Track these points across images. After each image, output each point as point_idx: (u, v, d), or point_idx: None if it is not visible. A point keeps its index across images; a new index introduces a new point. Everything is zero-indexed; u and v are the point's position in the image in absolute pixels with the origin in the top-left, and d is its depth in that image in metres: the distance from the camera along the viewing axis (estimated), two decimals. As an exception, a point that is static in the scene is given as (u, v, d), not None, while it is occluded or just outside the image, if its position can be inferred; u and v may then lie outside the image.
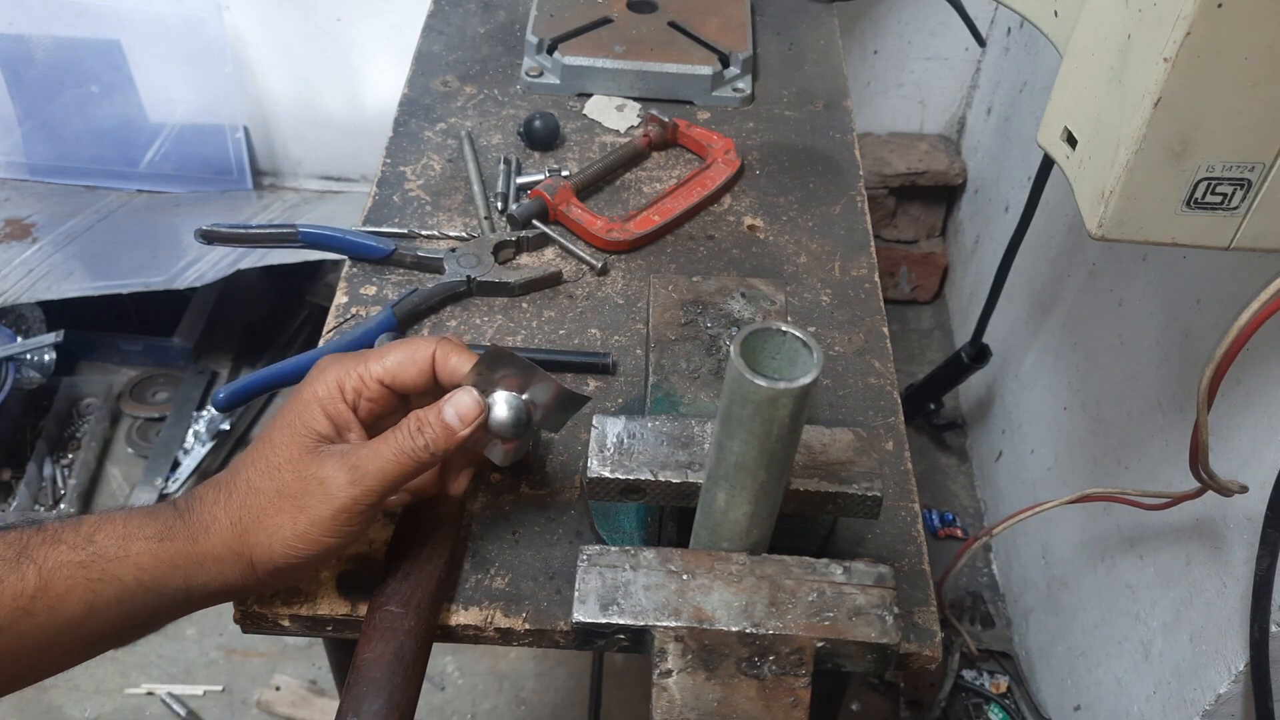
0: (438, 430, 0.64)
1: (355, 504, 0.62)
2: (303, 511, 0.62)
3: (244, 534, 0.63)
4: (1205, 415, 0.77)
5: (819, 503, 0.66)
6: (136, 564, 0.61)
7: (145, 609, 0.62)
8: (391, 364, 0.66)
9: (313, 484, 0.62)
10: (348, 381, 0.66)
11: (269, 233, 1.01)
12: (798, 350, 0.56)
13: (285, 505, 0.63)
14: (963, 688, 1.56)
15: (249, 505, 0.63)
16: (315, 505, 0.62)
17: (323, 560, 0.65)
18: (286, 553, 0.62)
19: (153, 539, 0.61)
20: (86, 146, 2.04)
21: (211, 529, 0.63)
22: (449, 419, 0.64)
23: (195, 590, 0.63)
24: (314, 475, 0.63)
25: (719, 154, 1.12)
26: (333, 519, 0.62)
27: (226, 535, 0.63)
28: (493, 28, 1.32)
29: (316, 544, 0.63)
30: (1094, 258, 1.44)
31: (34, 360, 1.82)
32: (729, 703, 0.59)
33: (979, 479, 1.90)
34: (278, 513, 0.62)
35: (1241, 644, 1.00)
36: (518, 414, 0.68)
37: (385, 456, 0.63)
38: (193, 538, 0.62)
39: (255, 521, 0.63)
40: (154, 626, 0.65)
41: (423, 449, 0.63)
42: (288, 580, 0.68)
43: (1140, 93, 0.63)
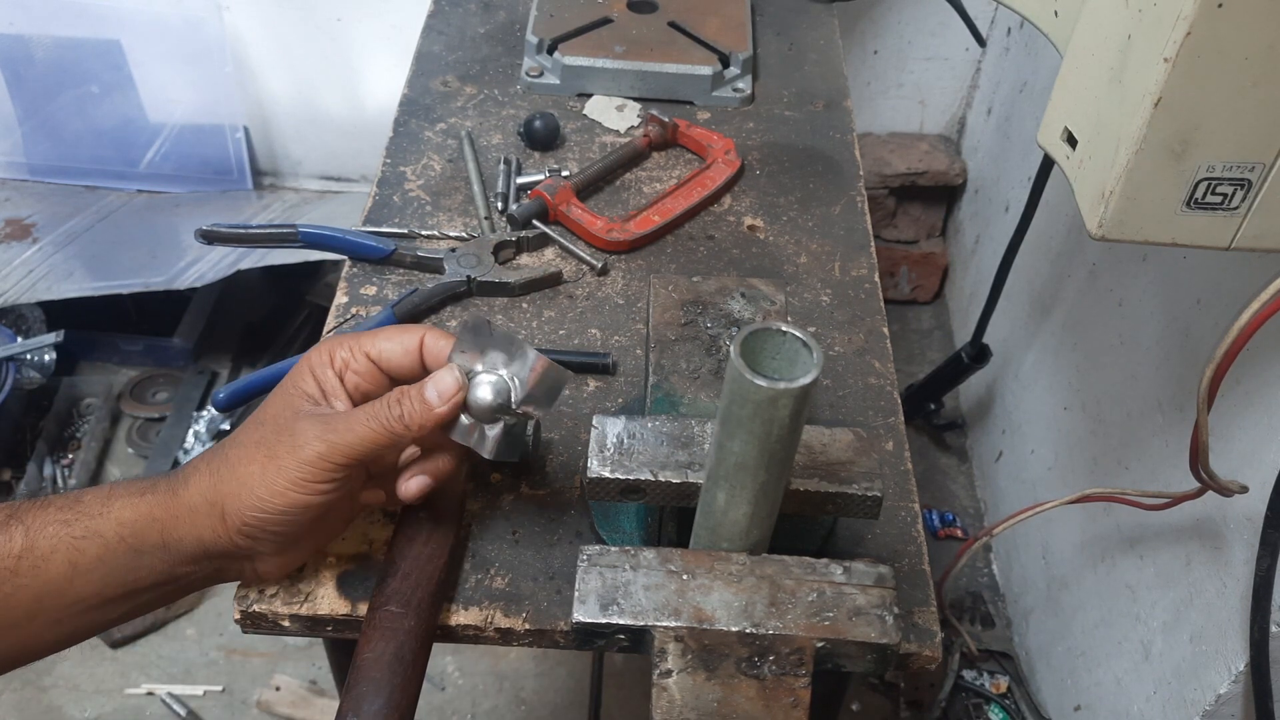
0: (415, 404, 0.64)
1: (322, 461, 0.62)
2: (271, 460, 0.63)
3: (218, 482, 0.63)
4: (1205, 415, 0.77)
5: (819, 503, 0.66)
6: (118, 519, 0.62)
7: (126, 570, 0.63)
8: (381, 342, 0.68)
9: (285, 436, 0.63)
10: (338, 351, 0.67)
11: (269, 233, 1.01)
12: (798, 350, 0.56)
13: (258, 454, 0.63)
14: (963, 688, 1.56)
15: (228, 456, 0.64)
16: (284, 456, 0.63)
17: (291, 524, 0.64)
18: (253, 504, 0.63)
19: (135, 494, 0.64)
20: (86, 146, 2.04)
21: (190, 479, 0.64)
22: (428, 395, 0.65)
23: (172, 547, 0.63)
24: (288, 428, 0.64)
25: (719, 154, 1.12)
26: (298, 472, 0.62)
27: (203, 484, 0.64)
28: (493, 28, 1.32)
29: (281, 497, 0.62)
30: (1094, 258, 1.44)
31: (34, 360, 1.82)
32: (729, 703, 0.59)
33: (979, 479, 1.90)
34: (250, 462, 0.63)
35: (1241, 644, 1.00)
36: (499, 394, 0.66)
37: (360, 422, 0.63)
38: (172, 489, 0.64)
39: (230, 470, 0.64)
40: (136, 602, 0.65)
41: (397, 419, 0.63)
42: (259, 544, 0.65)
43: (1140, 93, 0.63)
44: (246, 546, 0.65)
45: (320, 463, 0.62)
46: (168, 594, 0.67)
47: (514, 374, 0.67)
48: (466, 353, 0.67)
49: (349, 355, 0.67)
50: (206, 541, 0.64)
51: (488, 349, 0.66)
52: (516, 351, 0.66)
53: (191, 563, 0.65)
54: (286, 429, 0.64)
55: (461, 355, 0.66)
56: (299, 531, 0.65)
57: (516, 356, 0.66)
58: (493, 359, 0.67)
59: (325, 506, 0.64)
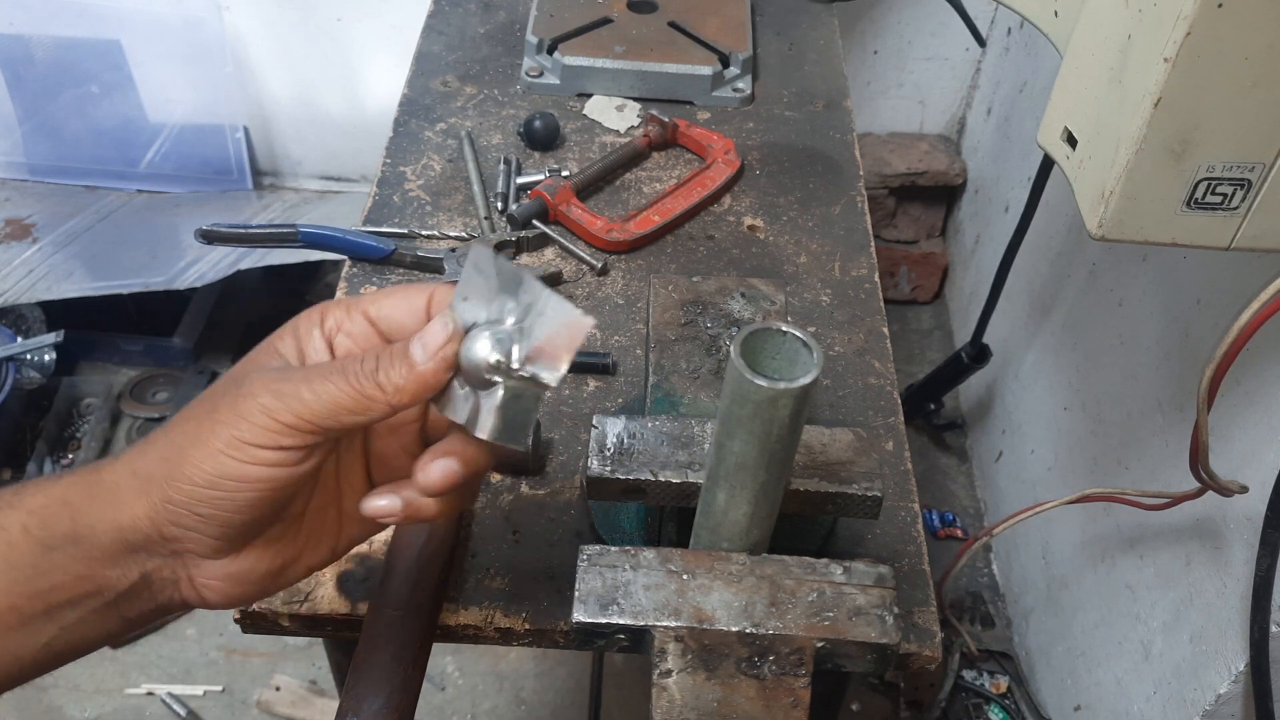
0: (396, 360, 0.50)
1: (266, 417, 0.48)
2: (209, 417, 0.50)
3: (147, 448, 0.51)
4: (1205, 415, 0.77)
5: (819, 503, 0.66)
6: (28, 508, 0.50)
7: (33, 571, 0.50)
8: (382, 299, 0.54)
9: (231, 389, 0.50)
10: (332, 311, 0.54)
11: (269, 233, 1.01)
12: (798, 350, 0.56)
13: (198, 411, 0.51)
14: (963, 688, 1.56)
15: (168, 423, 0.52)
16: (223, 410, 0.49)
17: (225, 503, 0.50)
18: (181, 470, 0.49)
19: (53, 479, 0.52)
20: (86, 146, 2.04)
21: (119, 456, 0.52)
22: (411, 348, 0.50)
23: (84, 539, 0.50)
24: (236, 380, 0.51)
25: (719, 154, 1.12)
26: (235, 429, 0.48)
27: (131, 455, 0.52)
28: (493, 28, 1.32)
29: (212, 460, 0.49)
30: (1094, 258, 1.44)
31: (34, 360, 1.82)
32: (729, 703, 0.59)
33: (979, 479, 1.90)
34: (187, 421, 0.51)
35: (1241, 644, 1.00)
36: (498, 348, 0.50)
37: (322, 375, 0.49)
38: (96, 468, 0.52)
39: (164, 434, 0.51)
40: (59, 623, 0.51)
41: (369, 375, 0.49)
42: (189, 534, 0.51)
43: (1140, 93, 0.63)
44: (173, 536, 0.51)
45: (263, 419, 0.48)
46: (97, 615, 0.52)
47: (521, 324, 0.50)
48: (470, 300, 0.51)
49: (343, 315, 0.54)
50: (124, 526, 0.50)
51: (495, 294, 0.51)
52: (527, 294, 0.50)
53: (110, 562, 0.51)
54: (234, 382, 0.51)
55: (465, 303, 0.51)
56: (239, 521, 0.51)
57: (527, 301, 0.50)
58: (500, 306, 0.51)
59: (274, 490, 0.50)
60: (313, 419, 0.49)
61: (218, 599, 0.54)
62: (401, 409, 0.50)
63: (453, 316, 0.51)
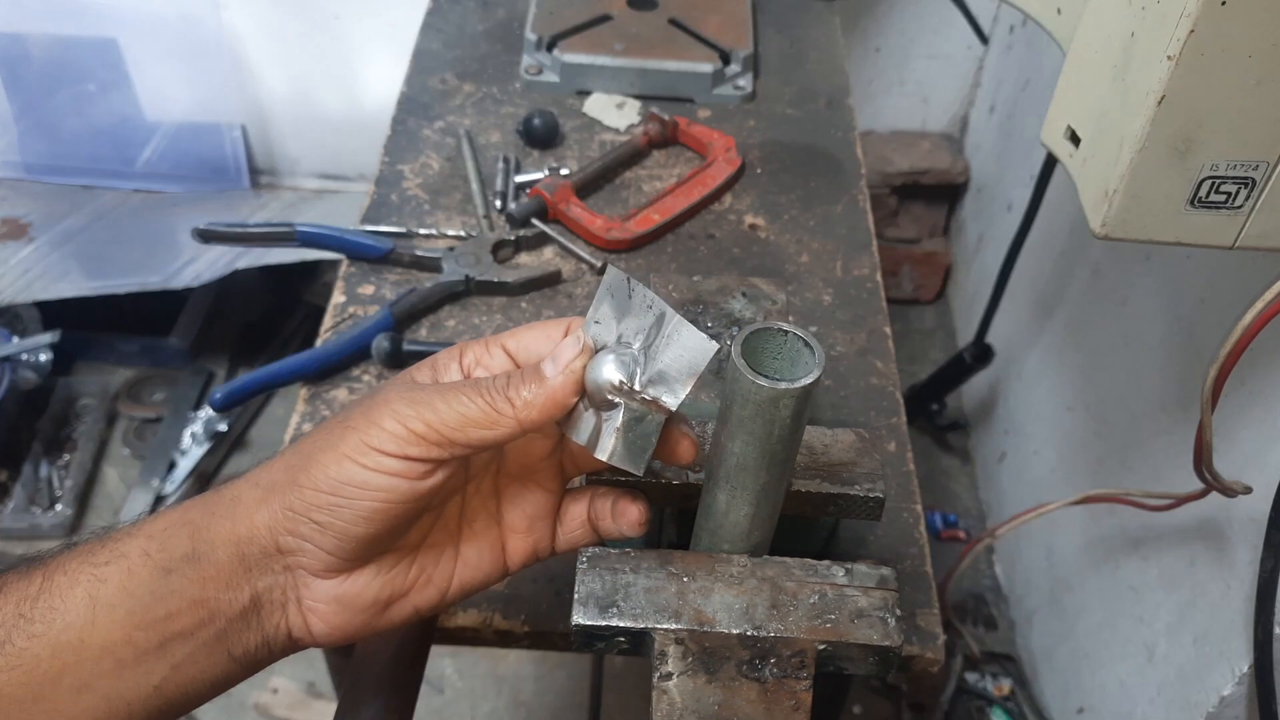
0: (526, 376, 0.51)
1: (399, 427, 0.49)
2: (340, 426, 0.50)
3: (274, 462, 0.52)
4: (1209, 415, 0.77)
5: (820, 504, 0.65)
6: (147, 534, 0.50)
7: (152, 599, 0.49)
8: (520, 331, 0.55)
9: (365, 402, 0.51)
10: (470, 348, 0.55)
11: (266, 232, 1.01)
12: (799, 350, 0.55)
13: (332, 425, 0.51)
14: (965, 690, 1.55)
15: (303, 437, 0.52)
16: (356, 419, 0.50)
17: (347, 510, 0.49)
18: (308, 475, 0.49)
19: (178, 504, 0.52)
20: (83, 145, 2.03)
21: (247, 472, 0.53)
22: (543, 366, 0.51)
23: (202, 557, 0.50)
24: (371, 396, 0.51)
25: (720, 152, 1.11)
26: (365, 436, 0.49)
27: (256, 471, 0.52)
28: (492, 25, 1.31)
29: (338, 465, 0.49)
30: (1097, 257, 1.43)
31: (30, 360, 1.81)
32: (730, 706, 0.58)
33: (982, 480, 1.89)
34: (319, 433, 0.51)
35: (1245, 646, 0.99)
36: (621, 370, 0.51)
37: (455, 391, 0.50)
38: (219, 486, 0.52)
39: (293, 447, 0.52)
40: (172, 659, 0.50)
41: (501, 390, 0.50)
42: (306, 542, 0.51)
43: (1144, 91, 0.63)
44: (288, 548, 0.51)
45: (394, 425, 0.49)
46: (207, 651, 0.51)
47: (647, 348, 0.52)
48: (603, 323, 0.52)
49: (481, 351, 0.55)
50: (242, 538, 0.50)
51: (626, 317, 0.52)
52: (656, 319, 0.51)
53: (224, 582, 0.50)
54: (369, 397, 0.51)
55: (597, 326, 0.53)
56: (356, 533, 0.50)
57: (656, 325, 0.51)
58: (629, 328, 0.52)
59: (394, 502, 0.50)
60: (441, 429, 0.49)
61: (322, 627, 0.53)
62: (531, 426, 0.51)
63: (584, 335, 0.52)
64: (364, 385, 0.90)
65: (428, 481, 0.50)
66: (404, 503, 0.50)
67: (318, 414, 0.88)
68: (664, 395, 0.52)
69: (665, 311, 0.51)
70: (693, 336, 0.51)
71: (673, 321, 0.51)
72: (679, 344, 0.51)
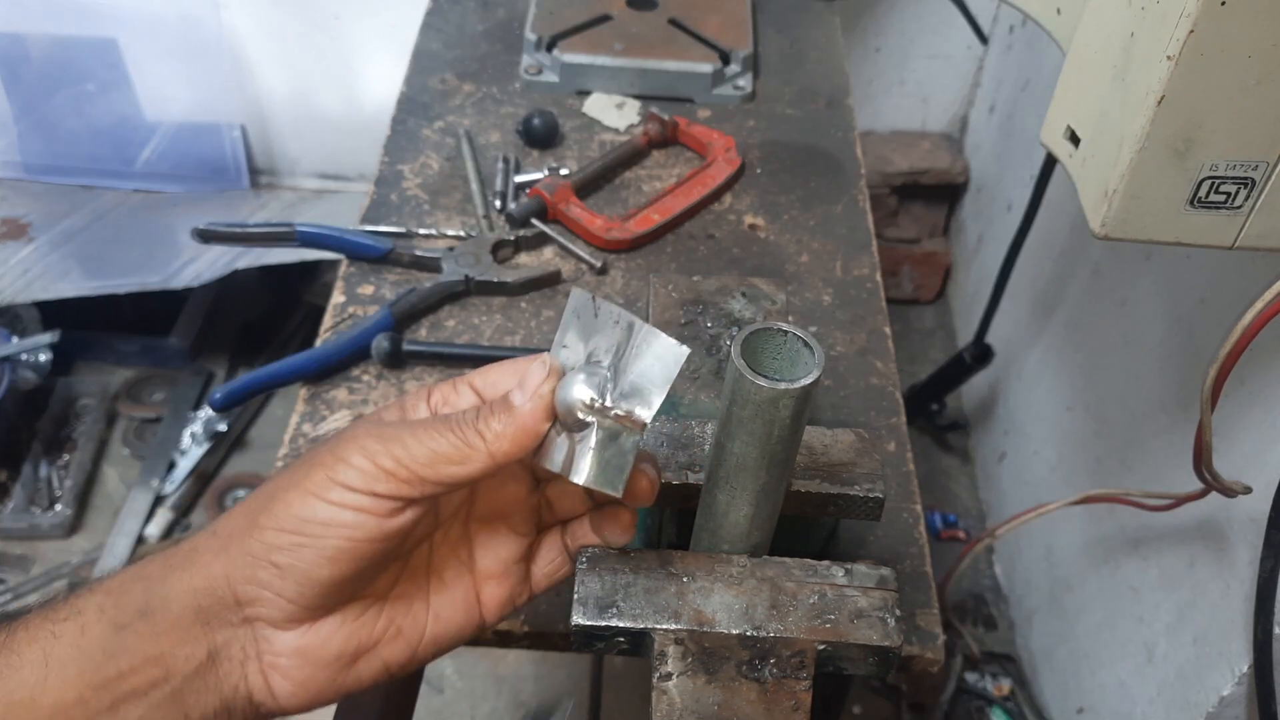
0: (495, 407, 0.49)
1: (368, 464, 0.47)
2: (305, 465, 0.48)
3: (235, 510, 0.50)
4: (1209, 416, 0.77)
5: (820, 504, 0.65)
6: (105, 589, 0.49)
7: (103, 656, 0.47)
8: (489, 370, 0.54)
9: (333, 441, 0.49)
10: (438, 388, 0.54)
11: (266, 232, 1.01)
12: (799, 350, 0.55)
13: (297, 466, 0.49)
14: (965, 690, 1.55)
15: (259, 487, 0.51)
16: (323, 456, 0.48)
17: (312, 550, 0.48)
18: (271, 516, 0.48)
19: (137, 561, 0.50)
20: (83, 145, 2.03)
21: (205, 526, 0.51)
22: (511, 395, 0.49)
23: (155, 612, 0.48)
24: (339, 435, 0.50)
25: (719, 152, 1.11)
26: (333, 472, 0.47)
27: (216, 521, 0.50)
28: (491, 25, 1.31)
29: (303, 503, 0.47)
30: (1097, 257, 1.43)
31: (30, 360, 1.81)
32: (729, 706, 0.58)
33: (982, 480, 1.89)
34: (282, 475, 0.49)
35: (1245, 646, 0.99)
36: (591, 388, 0.49)
37: (426, 426, 0.49)
38: (178, 541, 0.52)
39: (255, 493, 0.50)
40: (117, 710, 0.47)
41: (470, 423, 0.48)
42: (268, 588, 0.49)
43: (1144, 91, 0.63)
44: (247, 598, 0.49)
45: (363, 461, 0.47)
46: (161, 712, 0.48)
47: (613, 361, 0.50)
48: (570, 347, 0.51)
49: (449, 390, 0.54)
50: (198, 588, 0.48)
51: (593, 336, 0.51)
52: (622, 332, 0.50)
53: (179, 636, 0.48)
54: (338, 435, 0.50)
55: (565, 350, 0.51)
56: (319, 576, 0.48)
57: (622, 339, 0.50)
58: (598, 347, 0.51)
59: (360, 541, 0.48)
60: (412, 465, 0.47)
61: (285, 685, 0.51)
62: (504, 459, 0.49)
63: (550, 357, 0.50)
64: (364, 385, 0.90)
65: (396, 520, 0.48)
66: (370, 541, 0.48)
67: (317, 414, 0.88)
68: (637, 408, 0.50)
69: (633, 322, 0.49)
70: (663, 343, 0.49)
71: (641, 331, 0.49)
72: (649, 353, 0.50)
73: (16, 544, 1.75)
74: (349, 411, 0.88)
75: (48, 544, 1.75)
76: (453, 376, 0.55)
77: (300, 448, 0.85)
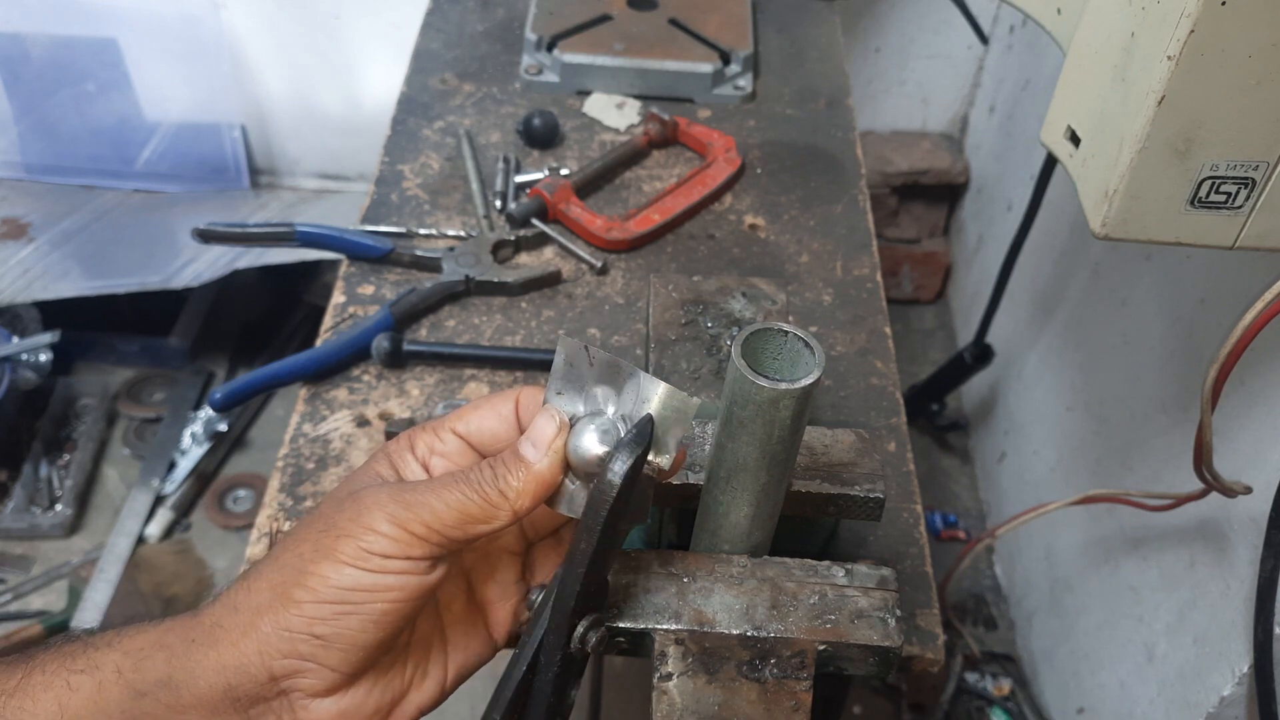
0: (510, 463, 0.50)
1: (396, 528, 0.48)
2: (328, 533, 0.48)
3: (253, 582, 0.49)
4: (1209, 416, 0.77)
5: (821, 504, 0.65)
6: (123, 649, 0.49)
7: (117, 716, 0.48)
8: (469, 415, 0.55)
9: (348, 506, 0.49)
10: (420, 436, 0.54)
11: (266, 232, 1.01)
12: (799, 350, 0.55)
13: (310, 534, 0.49)
14: (965, 690, 1.55)
15: (272, 552, 0.50)
16: (345, 525, 0.48)
17: (350, 622, 0.48)
18: (303, 589, 0.47)
19: (154, 623, 0.50)
20: (83, 145, 2.03)
21: (220, 595, 0.50)
22: (522, 449, 0.51)
23: (180, 685, 0.48)
24: (352, 499, 0.50)
25: (720, 152, 1.11)
26: (364, 540, 0.48)
27: (232, 592, 0.50)
28: (491, 25, 1.31)
29: (339, 574, 0.47)
30: (1097, 257, 1.43)
31: (30, 360, 1.81)
32: (730, 706, 0.58)
33: (982, 480, 1.89)
34: (300, 543, 0.49)
35: (1245, 646, 0.99)
36: (606, 438, 0.51)
37: (445, 486, 0.50)
38: (196, 610, 0.50)
39: (273, 562, 0.49)
40: None
41: (490, 482, 0.50)
42: (305, 664, 0.48)
43: (1144, 91, 0.63)
44: (284, 672, 0.48)
45: (393, 530, 0.48)
46: None
47: (624, 412, 0.52)
48: (565, 394, 0.53)
49: (432, 439, 0.54)
50: (228, 666, 0.48)
51: (589, 384, 0.52)
52: (625, 382, 0.52)
53: (207, 711, 0.48)
54: (350, 500, 0.50)
55: (560, 397, 0.53)
56: (365, 640, 0.49)
57: (626, 388, 0.52)
58: (597, 396, 0.53)
59: (405, 601, 0.49)
60: (441, 528, 0.49)
61: None
62: (524, 514, 0.51)
63: (556, 410, 0.52)
64: (364, 385, 0.90)
65: (433, 575, 0.50)
66: (413, 600, 0.49)
67: (318, 414, 0.88)
68: (655, 455, 0.52)
69: (635, 372, 0.51)
70: (673, 395, 0.51)
71: (643, 380, 0.51)
72: (658, 401, 0.51)
73: (17, 544, 1.75)
74: (349, 411, 0.88)
75: (48, 544, 1.75)
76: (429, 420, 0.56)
77: (300, 447, 0.85)
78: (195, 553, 1.76)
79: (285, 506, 0.81)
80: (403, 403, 0.89)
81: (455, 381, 0.91)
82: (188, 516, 1.82)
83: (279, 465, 0.84)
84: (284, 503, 0.82)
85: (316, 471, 0.84)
